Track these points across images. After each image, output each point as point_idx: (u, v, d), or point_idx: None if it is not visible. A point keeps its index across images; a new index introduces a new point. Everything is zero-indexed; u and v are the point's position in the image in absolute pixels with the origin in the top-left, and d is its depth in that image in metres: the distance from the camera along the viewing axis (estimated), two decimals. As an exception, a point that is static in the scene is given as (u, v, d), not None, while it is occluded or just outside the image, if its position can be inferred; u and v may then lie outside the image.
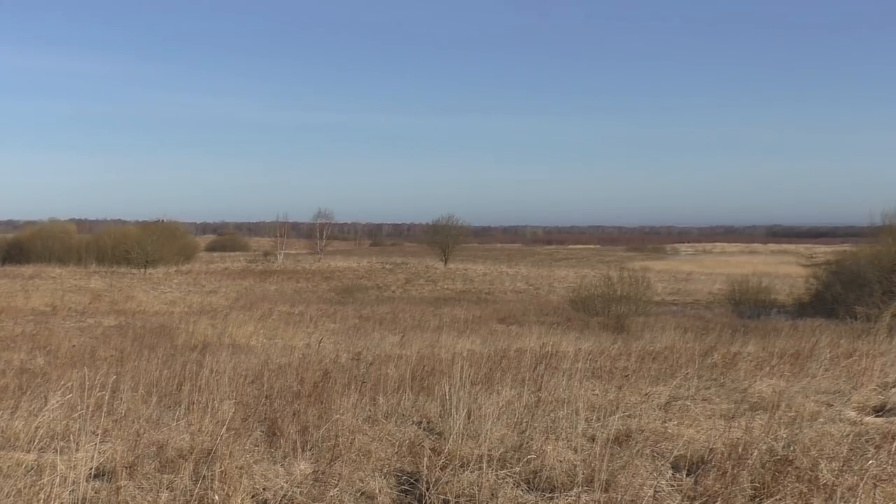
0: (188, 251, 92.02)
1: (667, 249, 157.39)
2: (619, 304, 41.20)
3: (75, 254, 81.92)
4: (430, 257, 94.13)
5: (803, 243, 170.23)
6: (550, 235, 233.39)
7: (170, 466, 6.96)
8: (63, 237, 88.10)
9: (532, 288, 71.01)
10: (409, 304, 52.96)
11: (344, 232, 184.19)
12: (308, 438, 7.81)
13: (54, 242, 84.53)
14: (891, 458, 6.95)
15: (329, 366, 13.34)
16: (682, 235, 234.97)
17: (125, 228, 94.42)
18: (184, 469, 6.71)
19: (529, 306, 51.29)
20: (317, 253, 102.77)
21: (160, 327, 30.99)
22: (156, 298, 51.10)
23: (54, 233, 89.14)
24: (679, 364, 13.80)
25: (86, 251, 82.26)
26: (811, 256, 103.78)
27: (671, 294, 65.40)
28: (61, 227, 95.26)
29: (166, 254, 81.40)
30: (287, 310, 43.04)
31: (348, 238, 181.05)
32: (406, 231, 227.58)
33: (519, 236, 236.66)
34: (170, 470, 6.87)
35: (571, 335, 27.27)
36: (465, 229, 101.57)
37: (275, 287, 68.76)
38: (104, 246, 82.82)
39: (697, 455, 7.35)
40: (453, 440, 7.61)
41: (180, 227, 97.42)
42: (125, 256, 77.87)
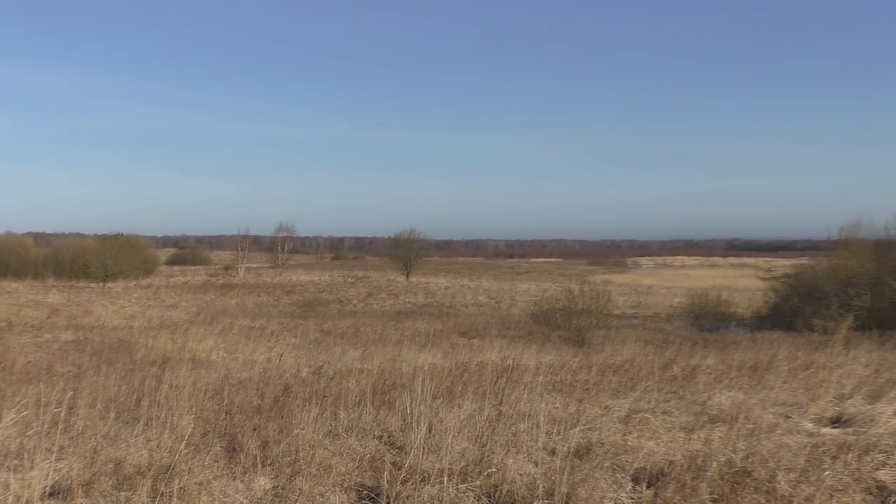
0: (148, 265, 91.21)
1: (628, 263, 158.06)
2: (580, 318, 41.31)
3: (32, 268, 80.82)
4: (392, 271, 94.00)
5: (762, 257, 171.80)
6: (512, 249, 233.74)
7: (127, 483, 6.89)
8: (19, 251, 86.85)
9: (494, 301, 71.05)
10: (370, 317, 52.81)
11: (306, 245, 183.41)
12: (268, 453, 7.77)
13: (10, 256, 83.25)
14: (847, 469, 7.02)
15: (290, 380, 13.29)
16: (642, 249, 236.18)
17: (84, 242, 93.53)
18: (142, 486, 6.64)
19: (491, 320, 51.29)
20: (278, 266, 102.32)
21: (119, 342, 30.65)
22: (115, 313, 50.58)
23: (10, 246, 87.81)
24: (639, 377, 13.88)
25: (43, 265, 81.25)
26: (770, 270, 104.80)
27: (632, 307, 65.67)
28: (18, 241, 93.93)
29: (126, 268, 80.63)
30: (248, 324, 42.76)
31: (310, 252, 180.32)
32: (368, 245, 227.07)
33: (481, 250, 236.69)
34: (127, 487, 6.80)
35: (533, 348, 27.32)
36: (427, 243, 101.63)
37: (236, 301, 68.32)
38: (62, 260, 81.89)
39: (657, 467, 7.38)
40: (414, 454, 7.60)
41: (140, 240, 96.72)
42: (84, 270, 77.04)
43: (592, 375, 14.46)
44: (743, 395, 11.49)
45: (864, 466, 7.33)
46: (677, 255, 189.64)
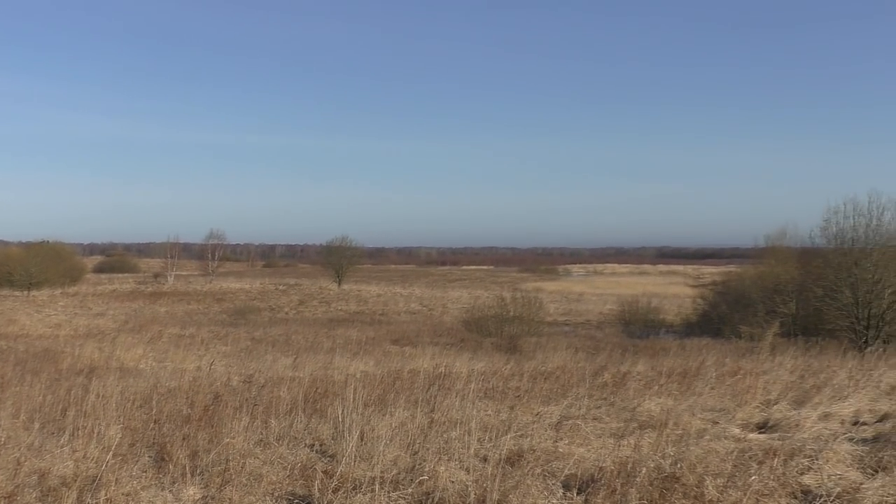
0: (75, 273, 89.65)
1: (559, 270, 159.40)
2: (512, 325, 41.56)
3: (-48, 276, 79.08)
4: (324, 278, 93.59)
5: (691, 264, 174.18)
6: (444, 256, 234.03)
7: (52, 495, 6.76)
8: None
9: (426, 309, 71.13)
10: (302, 325, 52.53)
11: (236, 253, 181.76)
12: (198, 463, 7.68)
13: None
14: (773, 474, 7.14)
15: (220, 389, 13.17)
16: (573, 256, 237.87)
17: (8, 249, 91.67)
18: (67, 497, 6.53)
19: (423, 327, 51.36)
20: (209, 274, 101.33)
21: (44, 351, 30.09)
22: (40, 321, 49.73)
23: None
24: (570, 384, 13.98)
25: (-36, 273, 79.51)
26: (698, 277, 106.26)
27: (563, 314, 66.18)
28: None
29: (51, 275, 79.25)
30: (178, 332, 42.30)
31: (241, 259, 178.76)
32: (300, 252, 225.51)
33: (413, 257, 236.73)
34: (52, 499, 6.67)
35: (465, 356, 27.40)
36: (359, 250, 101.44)
37: (165, 309, 67.53)
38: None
39: (588, 474, 7.43)
40: (346, 462, 7.56)
41: (66, 248, 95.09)
42: (7, 278, 75.58)
43: (524, 382, 14.52)
44: (672, 401, 11.63)
45: (790, 471, 7.46)
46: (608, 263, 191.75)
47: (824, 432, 9.58)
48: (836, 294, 34.07)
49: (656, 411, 10.76)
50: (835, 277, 34.38)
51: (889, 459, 8.01)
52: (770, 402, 11.67)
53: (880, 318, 33.04)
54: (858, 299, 33.30)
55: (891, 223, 33.61)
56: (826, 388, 12.65)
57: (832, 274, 34.66)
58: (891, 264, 33.12)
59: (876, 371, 15.45)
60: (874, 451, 8.31)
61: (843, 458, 8.08)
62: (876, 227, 33.75)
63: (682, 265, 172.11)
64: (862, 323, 33.18)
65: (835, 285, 34.25)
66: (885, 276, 33.04)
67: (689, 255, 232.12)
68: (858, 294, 33.29)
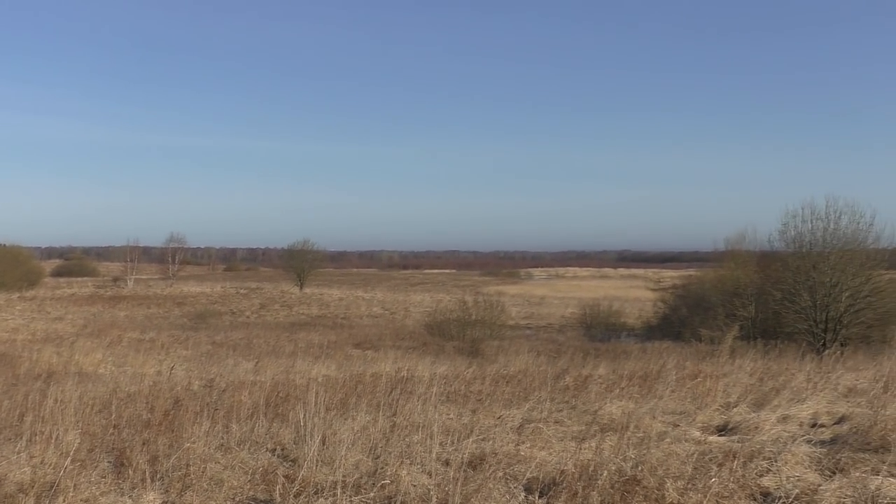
0: (32, 276, 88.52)
1: (521, 274, 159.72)
2: (474, 329, 41.61)
3: None
4: (286, 282, 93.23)
5: (651, 268, 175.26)
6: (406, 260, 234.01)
7: (8, 501, 6.68)
8: None
9: (388, 313, 71.05)
10: (264, 329, 52.31)
11: (197, 257, 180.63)
12: (158, 468, 7.62)
13: None
14: (732, 476, 7.20)
15: (181, 393, 13.08)
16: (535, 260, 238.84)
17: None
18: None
19: (385, 331, 51.30)
20: (169, 278, 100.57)
21: (1, 356, 29.76)
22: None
23: None
24: (532, 387, 14.01)
25: (-83, 277, 78.32)
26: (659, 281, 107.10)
27: (525, 318, 66.36)
28: None
29: (8, 279, 78.19)
30: (137, 336, 41.96)
31: (202, 263, 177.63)
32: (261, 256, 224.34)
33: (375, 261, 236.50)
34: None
35: (427, 359, 27.39)
36: (321, 254, 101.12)
37: (125, 313, 66.92)
38: (-61, 271, 79.08)
39: (549, 477, 7.45)
40: (307, 467, 7.53)
41: (23, 251, 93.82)
42: (-38, 282, 74.59)
43: (486, 386, 14.54)
44: (633, 404, 11.68)
45: (749, 473, 7.51)
46: (569, 267, 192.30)
47: (783, 434, 9.66)
48: (794, 297, 34.41)
49: (617, 414, 10.81)
50: (793, 281, 34.73)
51: (846, 461, 8.10)
52: (730, 405, 11.76)
53: (838, 321, 33.40)
54: (816, 302, 33.65)
55: (847, 227, 33.99)
56: (785, 390, 12.76)
57: (791, 277, 35.00)
58: (848, 268, 33.49)
59: (834, 373, 15.61)
60: (832, 453, 8.40)
61: (801, 459, 8.15)
62: (833, 230, 34.12)
63: (642, 269, 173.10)
64: (820, 326, 33.53)
65: (793, 288, 34.59)
66: (843, 279, 33.40)
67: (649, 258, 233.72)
68: (816, 297, 33.64)
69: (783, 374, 15.53)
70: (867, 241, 33.96)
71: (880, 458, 8.13)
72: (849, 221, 33.97)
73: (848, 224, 33.99)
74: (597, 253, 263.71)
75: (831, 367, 17.01)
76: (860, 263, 33.59)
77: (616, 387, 13.87)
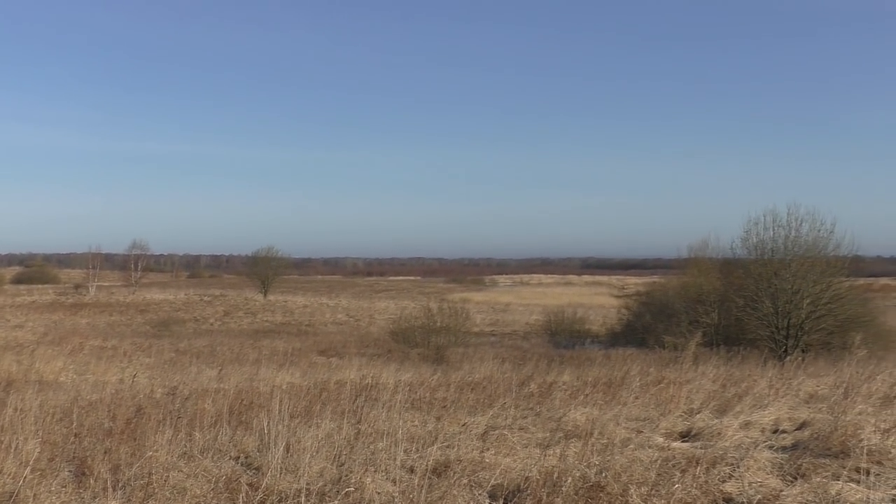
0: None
1: (486, 281, 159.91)
2: (439, 336, 41.55)
3: None
4: (250, 289, 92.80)
5: (615, 275, 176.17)
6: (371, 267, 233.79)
7: (-32, 511, 6.61)
8: None
9: (353, 320, 70.91)
10: (227, 336, 52.02)
11: (160, 264, 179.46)
12: (120, 477, 7.55)
13: None
14: (695, 482, 7.25)
15: (143, 401, 12.98)
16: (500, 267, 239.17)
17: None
18: (-17, 513, 6.38)
19: (350, 338, 51.20)
20: (132, 285, 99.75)
21: (-40, 364, 29.37)
22: (-45, 334, 48.46)
23: None
24: (497, 394, 14.04)
25: None
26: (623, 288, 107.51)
27: (490, 325, 66.42)
28: None
29: (-33, 287, 77.42)
30: (100, 344, 41.55)
31: (165, 270, 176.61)
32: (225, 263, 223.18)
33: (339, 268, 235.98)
34: (-32, 515, 6.52)
35: (392, 367, 27.33)
36: (286, 261, 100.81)
37: (87, 321, 66.31)
38: None
39: (514, 483, 7.47)
40: (271, 475, 7.50)
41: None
42: (-79, 289, 73.67)
43: (451, 393, 14.54)
44: (597, 410, 11.73)
45: (712, 479, 7.57)
46: (534, 274, 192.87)
47: (745, 440, 9.74)
48: (756, 304, 34.68)
49: (582, 421, 10.85)
50: (755, 288, 34.99)
51: (807, 466, 8.18)
52: (693, 411, 11.83)
53: (799, 328, 33.69)
54: (778, 309, 33.93)
55: (808, 234, 34.32)
56: (747, 396, 12.87)
57: (753, 284, 35.26)
58: (809, 275, 33.80)
59: (795, 380, 15.77)
60: (793, 459, 8.48)
61: (763, 465, 8.23)
62: (795, 238, 34.45)
63: (606, 276, 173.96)
64: (781, 332, 33.81)
65: (755, 295, 34.86)
66: (804, 286, 33.71)
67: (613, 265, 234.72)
68: (778, 304, 33.92)
69: (745, 381, 15.67)
70: (828, 249, 34.31)
71: (840, 464, 8.22)
72: (810, 229, 34.32)
73: (809, 231, 34.34)
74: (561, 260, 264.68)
75: (793, 374, 17.18)
76: (821, 271, 33.91)
77: (580, 393, 13.92)
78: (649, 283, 70.14)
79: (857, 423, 9.54)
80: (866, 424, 9.59)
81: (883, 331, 37.47)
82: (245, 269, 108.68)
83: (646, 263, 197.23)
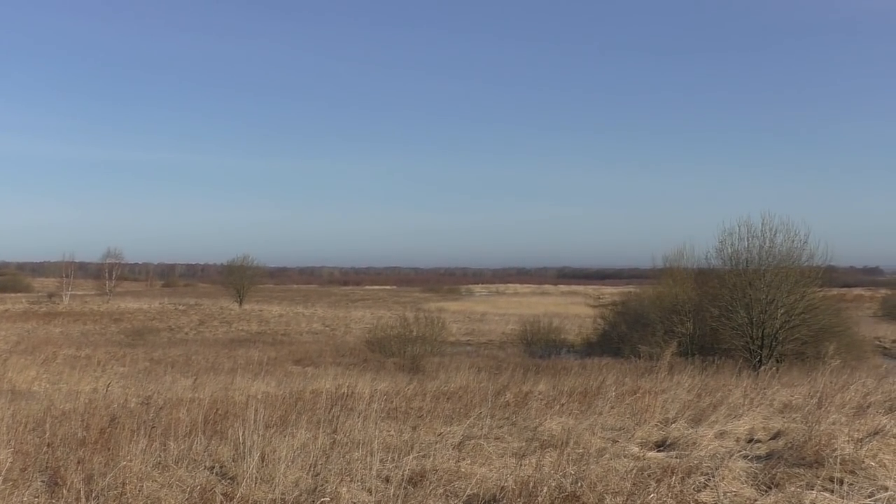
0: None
1: (462, 290, 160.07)
2: (415, 345, 41.59)
3: None
4: (225, 298, 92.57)
5: (591, 284, 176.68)
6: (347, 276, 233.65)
7: (-61, 522, 6.54)
8: None
9: (328, 329, 70.78)
10: (202, 346, 51.81)
11: (135, 272, 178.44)
12: (93, 487, 7.50)
13: None
14: (671, 492, 7.26)
15: (117, 411, 12.88)
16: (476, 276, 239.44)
17: None
18: (-45, 524, 6.32)
19: (326, 347, 51.09)
20: (106, 294, 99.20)
21: (-69, 373, 29.09)
22: (-74, 343, 48.01)
23: None
24: (473, 403, 14.02)
25: None
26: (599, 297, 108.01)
27: (466, 334, 66.47)
28: None
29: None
30: (73, 353, 41.30)
31: (139, 279, 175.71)
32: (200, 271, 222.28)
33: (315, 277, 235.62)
34: (-61, 526, 6.45)
35: (367, 376, 27.27)
36: (261, 270, 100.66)
37: (60, 329, 65.84)
38: None
39: (490, 493, 7.46)
40: (246, 484, 7.47)
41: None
42: None
43: (427, 402, 14.52)
44: (573, 420, 11.74)
45: (687, 488, 7.59)
46: (510, 283, 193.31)
47: (720, 450, 9.76)
48: (731, 314, 34.86)
49: (557, 430, 10.85)
50: (730, 297, 35.18)
51: (782, 476, 8.21)
52: (668, 421, 11.85)
53: (773, 338, 33.90)
54: (753, 319, 34.12)
55: (783, 245, 34.57)
56: (722, 406, 12.90)
57: (727, 294, 35.45)
58: (783, 285, 34.01)
59: (769, 389, 15.83)
60: (768, 468, 8.51)
61: (738, 475, 8.25)
62: (769, 248, 34.69)
63: (582, 285, 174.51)
64: (756, 342, 34.00)
65: (730, 305, 35.04)
66: (778, 296, 33.92)
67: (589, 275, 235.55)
68: (753, 314, 34.12)
69: (720, 391, 15.71)
70: (802, 259, 34.56)
71: (814, 473, 8.25)
72: (784, 239, 34.58)
73: (783, 242, 34.59)
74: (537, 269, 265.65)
75: (767, 383, 17.25)
76: (795, 281, 34.14)
77: (556, 403, 13.92)
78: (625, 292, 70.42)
79: (831, 433, 9.58)
80: (840, 434, 9.63)
81: (856, 340, 37.84)
82: (220, 278, 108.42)
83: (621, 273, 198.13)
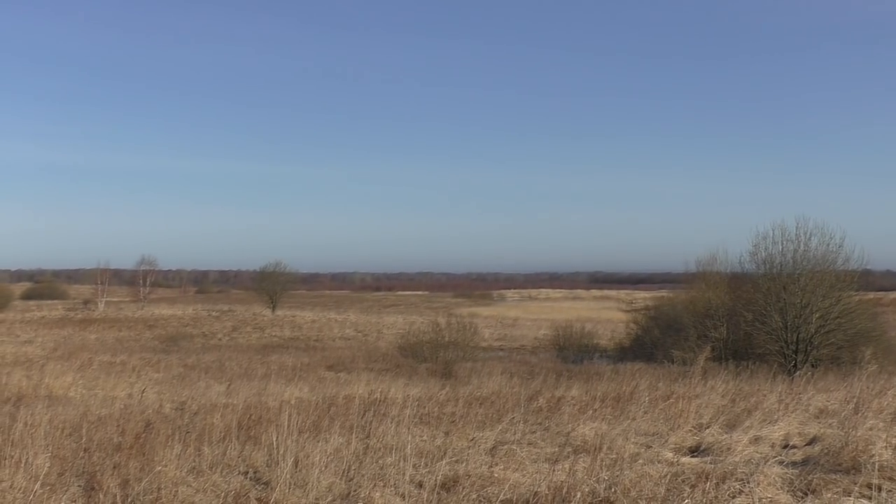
0: (1, 300, 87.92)
1: (493, 296, 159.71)
2: (447, 350, 41.49)
3: None
4: (258, 304, 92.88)
5: (624, 289, 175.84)
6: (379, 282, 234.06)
7: (-22, 526, 6.61)
8: None
9: (361, 335, 70.87)
10: (235, 351, 52.04)
11: (168, 279, 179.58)
12: (129, 492, 7.55)
13: None
14: (705, 498, 7.22)
15: (152, 416, 12.99)
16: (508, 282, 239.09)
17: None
18: (-7, 528, 6.39)
19: (358, 353, 51.17)
20: (140, 301, 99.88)
21: (-31, 379, 29.41)
22: (-35, 349, 48.55)
23: None
24: (505, 409, 14.00)
25: None
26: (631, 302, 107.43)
27: (498, 340, 66.38)
28: None
29: (-23, 303, 77.54)
30: (108, 359, 41.59)
31: (173, 285, 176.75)
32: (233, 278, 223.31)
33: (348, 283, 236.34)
34: (-22, 529, 6.52)
35: (400, 381, 27.35)
36: (293, 276, 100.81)
37: (95, 336, 66.37)
38: None
39: (523, 499, 7.45)
40: (280, 489, 7.50)
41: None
42: (-70, 305, 73.84)
43: (459, 408, 14.52)
44: (606, 425, 11.70)
45: (721, 494, 7.54)
46: (542, 288, 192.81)
47: (755, 456, 9.70)
48: (765, 318, 34.57)
49: (590, 436, 10.82)
50: (764, 302, 34.90)
51: (818, 482, 8.14)
52: (702, 426, 11.79)
53: (808, 342, 33.58)
54: (787, 324, 33.83)
55: (817, 248, 34.23)
56: (756, 411, 12.82)
57: (761, 299, 35.17)
58: (818, 289, 33.69)
59: (805, 394, 15.69)
60: (803, 474, 8.44)
61: (773, 481, 8.19)
62: (803, 252, 34.37)
63: (615, 290, 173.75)
64: (791, 347, 33.70)
65: (764, 310, 34.75)
66: (813, 300, 33.61)
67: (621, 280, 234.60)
68: (787, 318, 33.82)
69: (755, 396, 15.60)
70: (837, 263, 34.20)
71: (852, 480, 8.18)
72: (819, 243, 34.23)
73: (818, 245, 34.25)
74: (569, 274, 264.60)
75: (802, 388, 17.10)
76: (830, 285, 33.80)
77: (589, 408, 13.88)
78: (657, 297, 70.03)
79: (868, 439, 9.49)
80: (877, 440, 9.54)
81: (893, 345, 37.38)
82: (253, 284, 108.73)
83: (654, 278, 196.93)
